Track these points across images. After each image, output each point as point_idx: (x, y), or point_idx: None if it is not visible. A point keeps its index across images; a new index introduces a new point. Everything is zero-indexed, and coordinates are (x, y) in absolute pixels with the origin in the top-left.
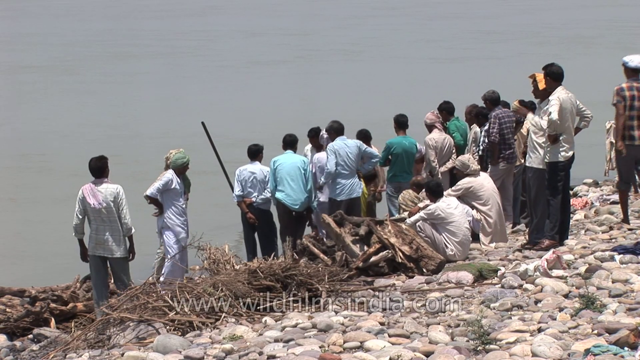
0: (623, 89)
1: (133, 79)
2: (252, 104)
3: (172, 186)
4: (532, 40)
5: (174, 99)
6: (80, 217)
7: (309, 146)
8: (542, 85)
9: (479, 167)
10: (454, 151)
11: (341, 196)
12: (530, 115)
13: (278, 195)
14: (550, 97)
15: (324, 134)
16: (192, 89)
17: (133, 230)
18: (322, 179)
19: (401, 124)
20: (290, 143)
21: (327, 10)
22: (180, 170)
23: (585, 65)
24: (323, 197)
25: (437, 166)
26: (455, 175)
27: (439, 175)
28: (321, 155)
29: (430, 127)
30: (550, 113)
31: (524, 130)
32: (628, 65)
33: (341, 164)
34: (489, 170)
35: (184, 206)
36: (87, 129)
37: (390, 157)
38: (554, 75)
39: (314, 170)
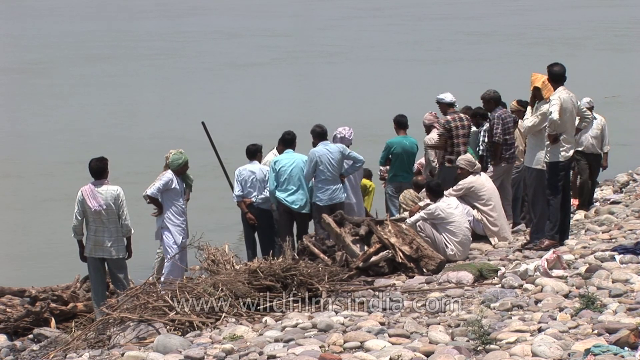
0: (449, 121)
1: (109, 82)
2: (234, 106)
3: (172, 186)
4: (520, 41)
5: (152, 102)
6: (80, 218)
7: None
8: (539, 83)
9: (477, 164)
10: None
11: (323, 201)
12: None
13: (279, 194)
14: (551, 97)
15: (337, 133)
16: (171, 92)
17: (132, 232)
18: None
19: (401, 124)
20: (289, 142)
21: (312, 11)
22: (179, 170)
23: (573, 66)
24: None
25: (437, 166)
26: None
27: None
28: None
29: (428, 128)
30: (550, 113)
31: (521, 129)
32: (444, 101)
33: (323, 170)
34: (489, 170)
35: (183, 206)
36: (57, 132)
37: (390, 156)
38: (555, 76)
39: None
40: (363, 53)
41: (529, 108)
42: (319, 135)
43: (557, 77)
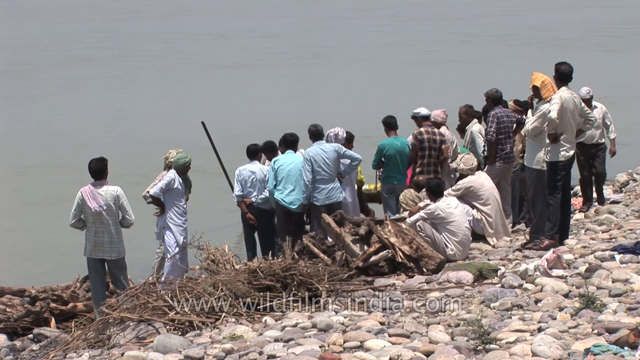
0: (422, 132)
1: (96, 83)
2: (226, 107)
3: (174, 186)
4: (511, 42)
5: (141, 103)
6: (76, 219)
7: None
8: (538, 82)
9: (475, 164)
10: (458, 151)
11: (320, 201)
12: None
13: (277, 195)
14: (553, 96)
15: (330, 132)
16: (161, 93)
17: (132, 224)
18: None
19: (390, 125)
20: (290, 143)
21: (303, 13)
22: (182, 170)
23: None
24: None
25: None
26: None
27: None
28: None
29: (438, 126)
30: (550, 112)
31: (522, 130)
32: (420, 114)
33: (318, 170)
34: (485, 169)
35: (185, 206)
36: (42, 133)
37: (383, 159)
38: (561, 75)
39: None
40: (354, 54)
41: (529, 111)
42: (314, 134)
43: (563, 75)
